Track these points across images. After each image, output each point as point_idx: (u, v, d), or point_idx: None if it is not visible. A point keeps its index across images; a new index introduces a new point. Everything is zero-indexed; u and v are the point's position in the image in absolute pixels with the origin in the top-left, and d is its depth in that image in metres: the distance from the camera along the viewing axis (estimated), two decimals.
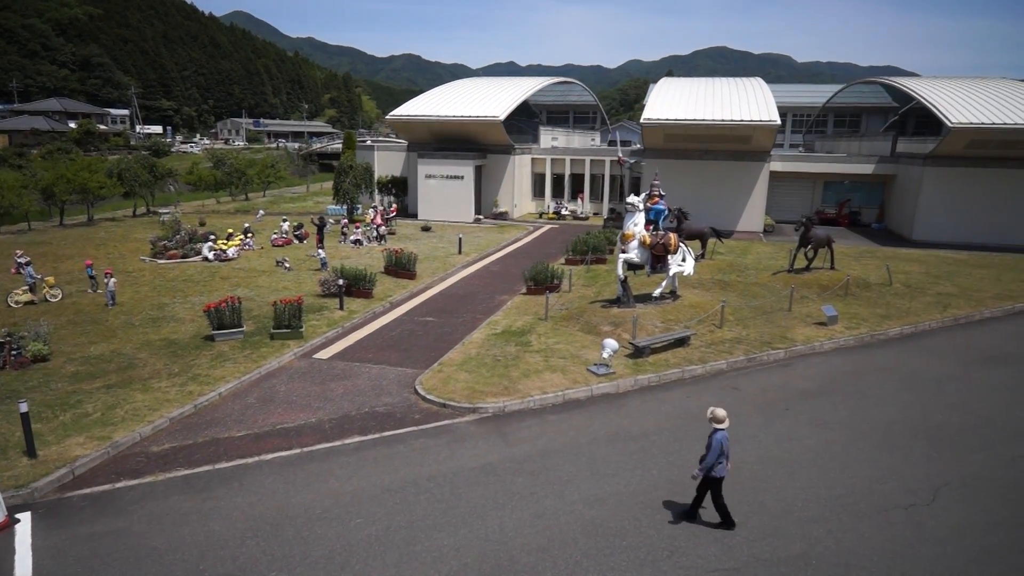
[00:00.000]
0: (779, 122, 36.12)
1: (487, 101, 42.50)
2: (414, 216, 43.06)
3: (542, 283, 23.30)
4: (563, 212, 44.98)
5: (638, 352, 17.16)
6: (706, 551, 9.65)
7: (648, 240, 19.48)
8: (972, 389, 16.04)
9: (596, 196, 47.06)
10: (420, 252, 31.22)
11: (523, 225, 41.24)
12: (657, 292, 20.56)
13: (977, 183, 36.35)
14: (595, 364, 16.34)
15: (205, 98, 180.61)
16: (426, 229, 38.00)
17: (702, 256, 28.67)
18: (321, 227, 28.60)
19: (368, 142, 52.33)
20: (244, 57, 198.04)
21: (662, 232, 19.91)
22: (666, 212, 20.26)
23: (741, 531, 10.13)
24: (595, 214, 45.82)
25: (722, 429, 10.03)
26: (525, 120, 52.10)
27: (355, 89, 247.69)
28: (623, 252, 19.75)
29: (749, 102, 38.65)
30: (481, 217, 42.78)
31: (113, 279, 21.18)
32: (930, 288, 25.22)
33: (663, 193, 20.65)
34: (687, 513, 10.50)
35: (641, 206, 19.61)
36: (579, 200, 46.15)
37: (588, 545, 9.71)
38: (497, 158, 43.53)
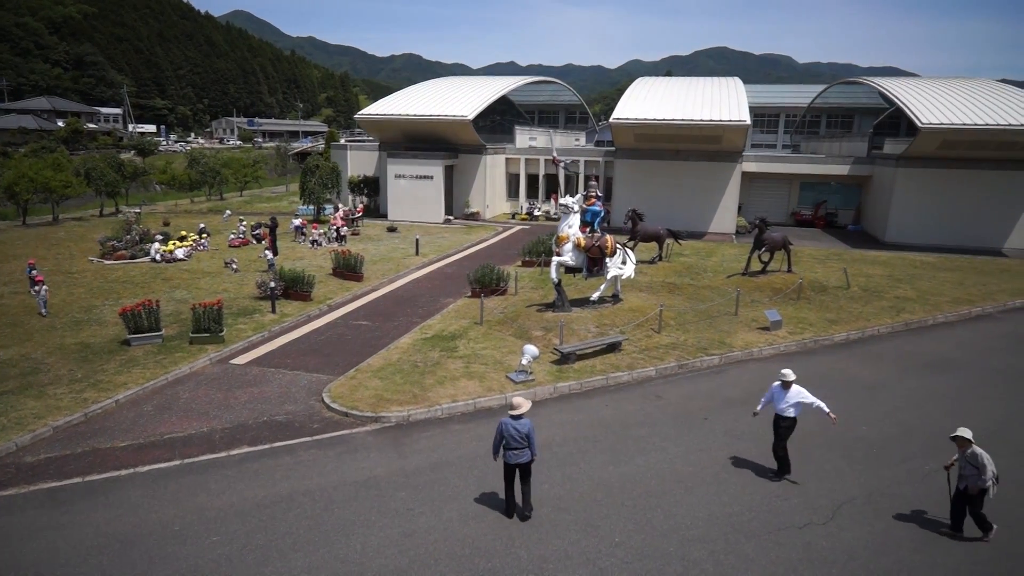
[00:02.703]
0: (748, 122, 35.57)
1: (459, 100, 41.96)
2: (386, 216, 42.53)
3: (487, 286, 22.76)
4: (535, 213, 44.42)
5: (564, 358, 16.63)
6: (573, 575, 9.12)
7: (583, 242, 18.96)
8: (905, 398, 15.51)
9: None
10: (379, 253, 30.81)
11: (493, 226, 40.70)
12: (595, 296, 20.03)
13: (950, 185, 35.80)
14: (516, 371, 15.82)
15: (200, 97, 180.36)
16: (392, 230, 37.47)
17: (659, 258, 28.12)
18: (272, 228, 28.05)
19: (342, 141, 51.80)
20: (240, 56, 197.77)
21: (598, 234, 19.38)
22: (602, 214, 19.71)
23: (618, 551, 9.62)
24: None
25: (516, 416, 9.99)
26: (501, 119, 51.59)
27: (352, 89, 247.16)
28: (557, 255, 19.23)
29: (721, 102, 38.10)
30: (451, 218, 42.24)
31: (44, 287, 20.22)
32: (888, 292, 24.66)
33: (600, 194, 20.13)
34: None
35: (576, 207, 19.10)
36: (552, 201, 45.60)
37: (449, 568, 9.18)
38: (468, 158, 42.99)
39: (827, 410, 11.33)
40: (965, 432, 9.89)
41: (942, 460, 12.41)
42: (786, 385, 11.45)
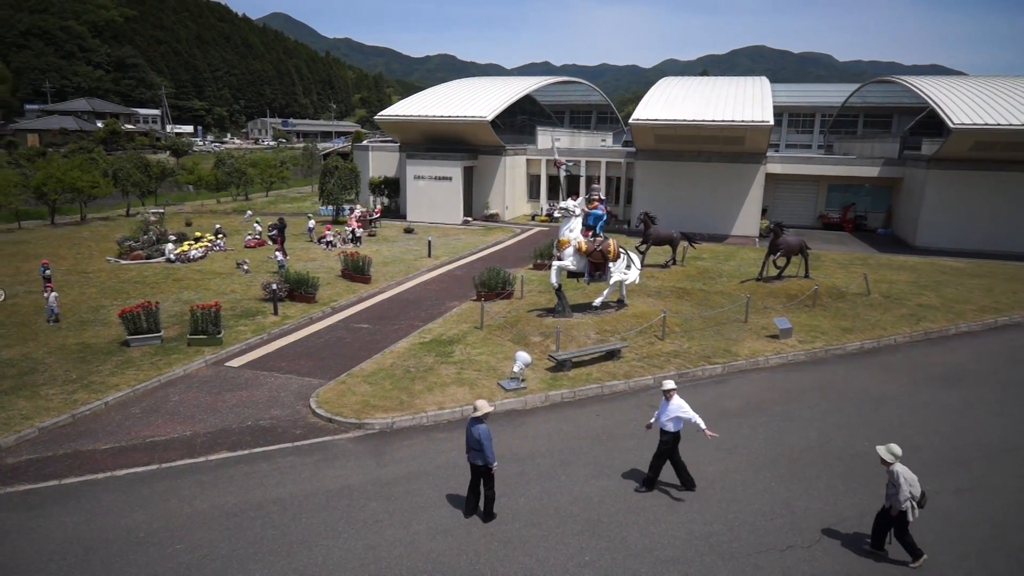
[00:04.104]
0: (772, 122, 34.67)
1: (479, 101, 41.79)
2: (405, 218, 42.53)
3: (493, 289, 22.51)
4: (555, 214, 43.85)
5: (559, 366, 16.27)
6: None
7: (584, 247, 18.57)
8: (914, 412, 14.82)
9: None
10: (392, 255, 30.76)
11: (511, 228, 40.41)
12: (597, 301, 19.59)
13: (984, 187, 34.45)
14: (508, 378, 15.51)
15: (236, 98, 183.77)
16: (408, 231, 37.44)
17: (672, 262, 27.53)
18: (281, 229, 28.17)
19: (364, 142, 52.02)
20: (276, 58, 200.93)
21: (601, 238, 18.96)
22: (604, 217, 19.30)
23: (586, 571, 9.26)
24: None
25: (476, 419, 10.20)
26: (528, 120, 51.23)
27: (386, 89, 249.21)
28: (558, 259, 18.88)
29: (744, 102, 37.26)
30: (470, 219, 42.07)
31: (54, 293, 19.90)
32: (910, 299, 23.73)
33: (603, 198, 19.71)
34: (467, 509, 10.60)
35: (577, 211, 18.73)
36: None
37: None
38: (488, 159, 42.76)
39: (703, 426, 10.94)
40: (881, 450, 9.41)
41: (946, 480, 11.86)
42: (667, 396, 11.04)
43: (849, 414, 14.67)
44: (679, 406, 10.94)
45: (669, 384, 11.14)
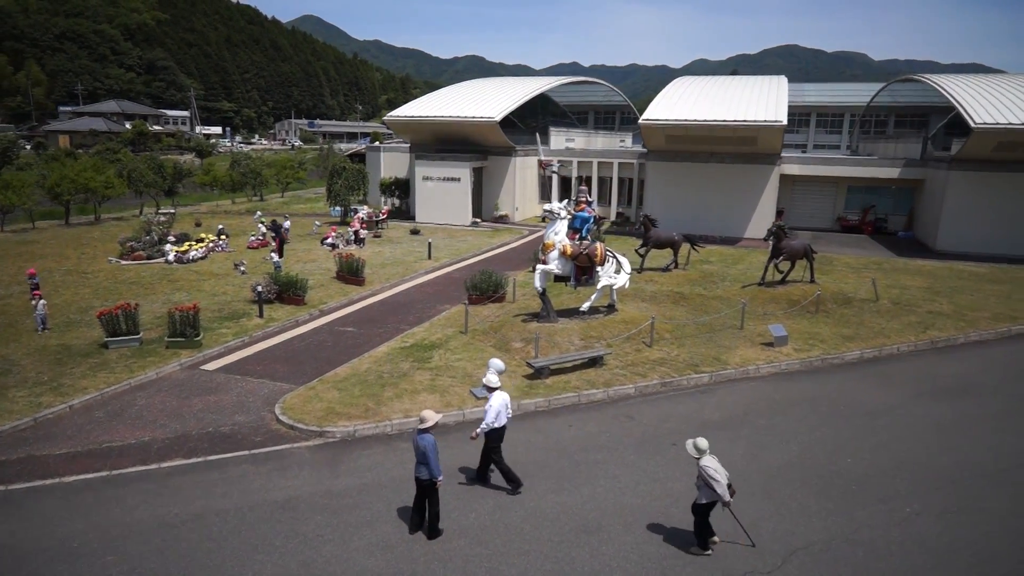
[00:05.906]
0: (785, 122, 33.70)
1: (488, 102, 41.41)
2: (415, 219, 42.31)
3: (484, 293, 22.07)
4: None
5: (536, 373, 15.76)
6: None
7: (569, 250, 18.03)
8: (907, 426, 14.03)
9: (604, 199, 45.32)
10: (393, 256, 30.50)
11: (519, 229, 39.95)
12: (585, 306, 19.04)
13: (1008, 189, 33.09)
14: (480, 386, 15.03)
15: (264, 100, 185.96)
16: (415, 232, 37.19)
17: (674, 265, 26.82)
18: (276, 230, 28.10)
19: (376, 143, 51.97)
20: (304, 60, 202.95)
21: (587, 242, 18.41)
22: (592, 220, 18.73)
23: None
24: (601, 218, 43.97)
25: (423, 430, 9.74)
26: (543, 121, 50.71)
27: (413, 91, 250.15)
28: (543, 263, 18.37)
29: (758, 101, 36.33)
30: (479, 220, 41.68)
31: (43, 301, 19.32)
32: (921, 306, 22.75)
33: (590, 200, 19.15)
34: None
35: (563, 213, 18.21)
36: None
37: None
38: (498, 160, 42.36)
39: (478, 430, 10.87)
40: (688, 445, 9.41)
41: (931, 500, 11.14)
42: (489, 391, 11.10)
43: (837, 428, 13.94)
44: (488, 402, 10.95)
45: (490, 382, 11.24)
